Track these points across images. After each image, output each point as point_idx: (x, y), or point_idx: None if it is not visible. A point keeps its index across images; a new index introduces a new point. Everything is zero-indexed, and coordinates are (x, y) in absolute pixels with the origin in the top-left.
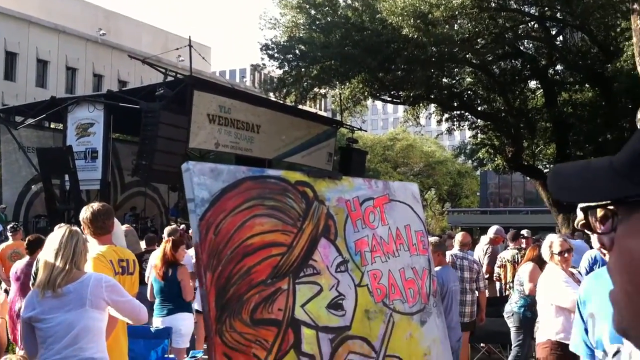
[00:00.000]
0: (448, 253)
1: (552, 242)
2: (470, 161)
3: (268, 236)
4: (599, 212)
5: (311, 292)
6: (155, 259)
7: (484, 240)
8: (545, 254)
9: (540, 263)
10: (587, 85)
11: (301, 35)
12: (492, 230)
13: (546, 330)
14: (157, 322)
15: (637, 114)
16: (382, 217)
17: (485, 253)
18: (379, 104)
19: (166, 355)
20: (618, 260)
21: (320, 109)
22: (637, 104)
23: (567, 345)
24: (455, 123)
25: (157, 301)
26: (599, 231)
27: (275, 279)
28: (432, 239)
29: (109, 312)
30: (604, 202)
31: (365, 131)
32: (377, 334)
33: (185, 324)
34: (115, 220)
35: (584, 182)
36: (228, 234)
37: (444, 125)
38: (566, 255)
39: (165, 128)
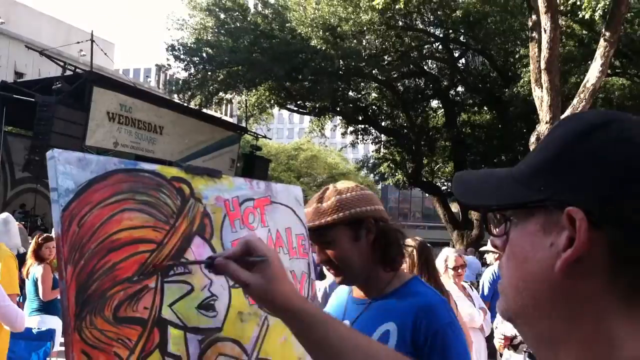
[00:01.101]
0: None
1: (447, 257)
2: (372, 175)
3: (137, 232)
4: (491, 216)
5: (181, 291)
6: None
7: None
8: (440, 267)
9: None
10: (485, 108)
11: (209, 38)
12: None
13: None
14: None
15: (531, 138)
16: (262, 219)
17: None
18: (285, 113)
19: (48, 359)
20: (510, 260)
21: (226, 115)
22: (531, 128)
23: None
24: (360, 136)
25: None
26: (494, 233)
27: (142, 277)
28: None
29: None
30: (502, 206)
31: (270, 139)
32: (250, 337)
33: (45, 327)
34: (11, 217)
35: (486, 188)
36: (93, 227)
37: (349, 138)
38: (460, 270)
39: (61, 124)
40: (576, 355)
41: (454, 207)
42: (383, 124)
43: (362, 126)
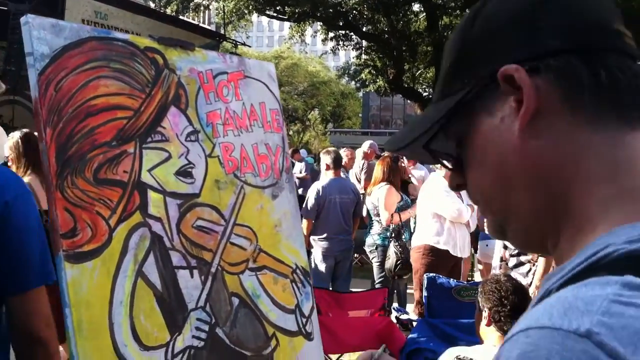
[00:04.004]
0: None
1: None
2: (353, 82)
3: (113, 98)
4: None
5: (159, 157)
6: None
7: (359, 155)
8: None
9: (394, 179)
10: (467, 11)
11: None
12: (365, 145)
13: (422, 236)
14: None
15: None
16: (236, 92)
17: (362, 169)
18: (264, 20)
19: None
20: (474, 170)
21: (204, 22)
22: None
23: (440, 250)
24: (340, 43)
25: None
26: (449, 167)
27: (121, 142)
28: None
29: None
30: (439, 122)
31: (250, 47)
32: (227, 204)
33: None
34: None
35: (413, 125)
36: (70, 92)
37: (329, 45)
38: None
39: None
40: (563, 210)
41: None
42: (364, 29)
43: (343, 32)
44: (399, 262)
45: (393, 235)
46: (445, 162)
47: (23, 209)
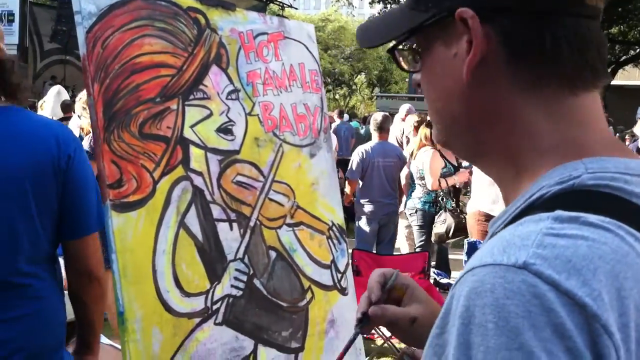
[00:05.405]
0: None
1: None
2: None
3: (157, 57)
4: (407, 55)
5: (201, 115)
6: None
7: (397, 120)
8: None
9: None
10: None
11: None
12: (403, 109)
13: (477, 202)
14: None
15: None
16: (275, 53)
17: (402, 133)
18: None
19: None
20: (427, 87)
21: None
22: None
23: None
24: (388, 6)
25: None
26: (406, 68)
27: (164, 99)
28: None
29: None
30: (400, 37)
31: (297, 9)
32: (266, 161)
33: None
34: (62, 88)
35: (382, 26)
36: (116, 49)
37: (377, 8)
38: None
39: None
40: (504, 156)
41: None
42: None
43: None
44: (449, 228)
45: (444, 199)
46: (403, 64)
47: (82, 160)
